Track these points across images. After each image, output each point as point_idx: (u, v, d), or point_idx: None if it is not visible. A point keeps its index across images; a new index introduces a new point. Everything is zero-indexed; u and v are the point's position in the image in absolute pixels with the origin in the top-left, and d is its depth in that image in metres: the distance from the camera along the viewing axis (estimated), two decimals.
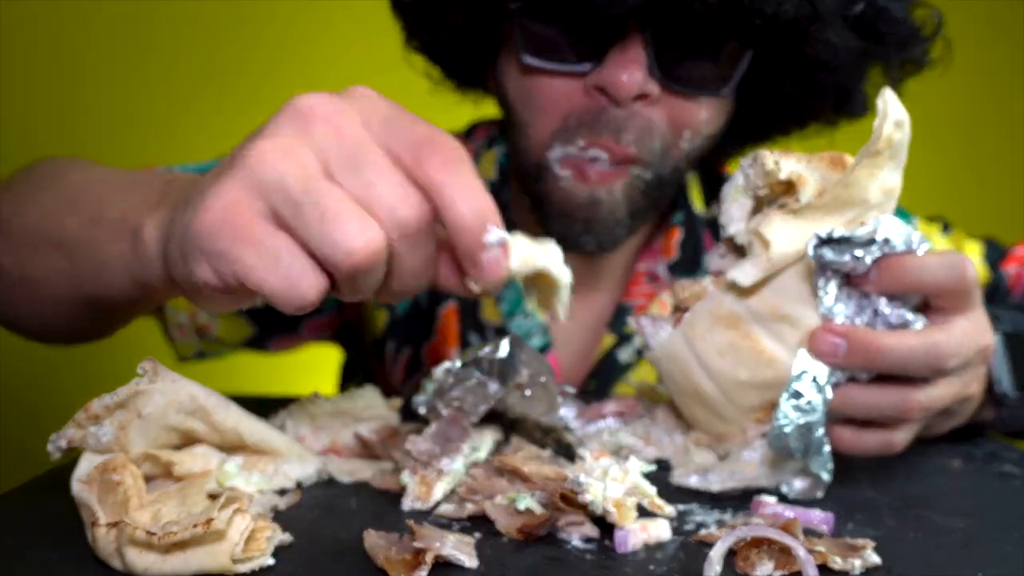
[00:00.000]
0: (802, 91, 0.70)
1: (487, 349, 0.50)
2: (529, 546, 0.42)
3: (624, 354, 0.79)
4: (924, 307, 0.50)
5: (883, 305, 0.49)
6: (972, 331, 0.49)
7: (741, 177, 0.52)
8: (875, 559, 0.40)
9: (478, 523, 0.45)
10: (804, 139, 0.82)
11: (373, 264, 0.35)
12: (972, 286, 0.48)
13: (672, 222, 0.82)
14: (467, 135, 0.89)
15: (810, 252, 0.47)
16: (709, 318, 0.51)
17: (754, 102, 0.75)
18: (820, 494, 0.50)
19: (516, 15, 0.63)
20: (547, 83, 0.64)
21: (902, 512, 0.48)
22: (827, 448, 0.48)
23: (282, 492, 0.50)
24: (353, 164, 0.36)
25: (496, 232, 0.38)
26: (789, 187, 0.50)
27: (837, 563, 0.39)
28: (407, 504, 0.48)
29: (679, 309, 0.55)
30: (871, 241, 0.47)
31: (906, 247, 0.47)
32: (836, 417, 0.50)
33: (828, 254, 0.47)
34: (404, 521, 0.45)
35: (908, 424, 0.51)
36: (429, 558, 0.38)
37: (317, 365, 1.26)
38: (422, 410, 0.52)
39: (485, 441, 0.51)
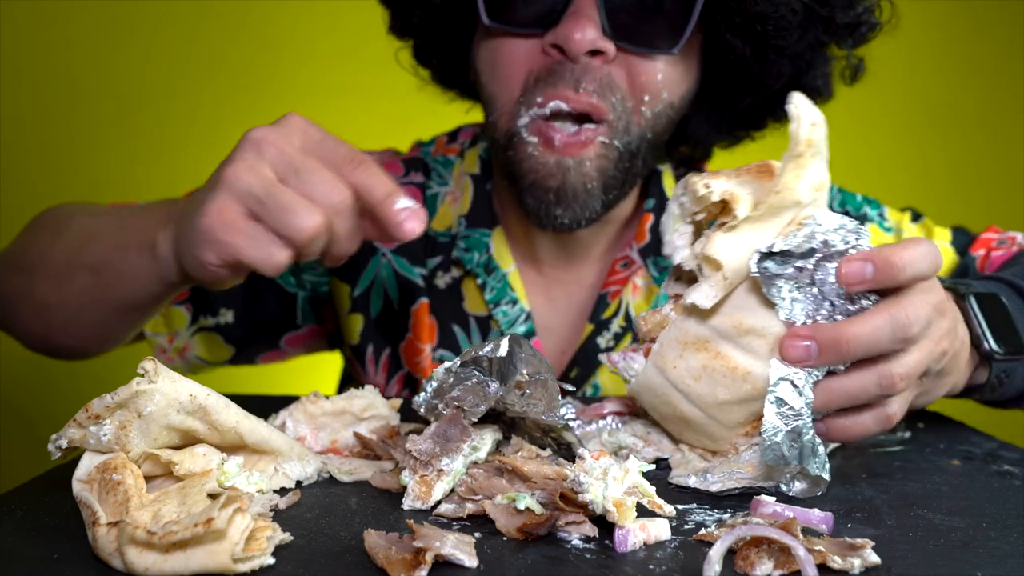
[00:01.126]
0: (757, 57, 0.71)
1: (487, 348, 0.50)
2: (529, 546, 0.42)
3: (603, 340, 0.81)
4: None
5: (836, 296, 0.49)
6: (923, 291, 0.50)
7: (676, 206, 0.54)
8: (874, 558, 0.40)
9: (478, 523, 0.45)
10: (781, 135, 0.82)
11: (319, 235, 0.51)
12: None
13: (645, 208, 0.84)
14: (453, 136, 0.92)
15: (754, 269, 0.48)
16: (677, 345, 0.52)
17: (717, 78, 0.77)
18: (820, 492, 0.50)
19: None
20: (509, 45, 0.69)
21: (901, 512, 0.48)
22: (821, 448, 0.48)
23: (282, 492, 0.50)
24: (295, 171, 0.52)
25: (403, 200, 0.53)
26: (725, 206, 0.51)
27: (836, 562, 0.39)
28: (407, 504, 0.48)
29: (646, 341, 0.55)
30: (811, 251, 0.48)
31: (845, 244, 0.48)
32: (826, 413, 0.51)
33: (772, 267, 0.48)
34: (404, 521, 0.45)
35: (896, 396, 0.51)
36: (429, 558, 0.38)
37: (317, 365, 1.26)
38: (422, 410, 0.52)
39: (485, 441, 0.51)
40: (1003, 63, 1.94)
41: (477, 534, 0.43)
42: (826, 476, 0.49)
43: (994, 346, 0.60)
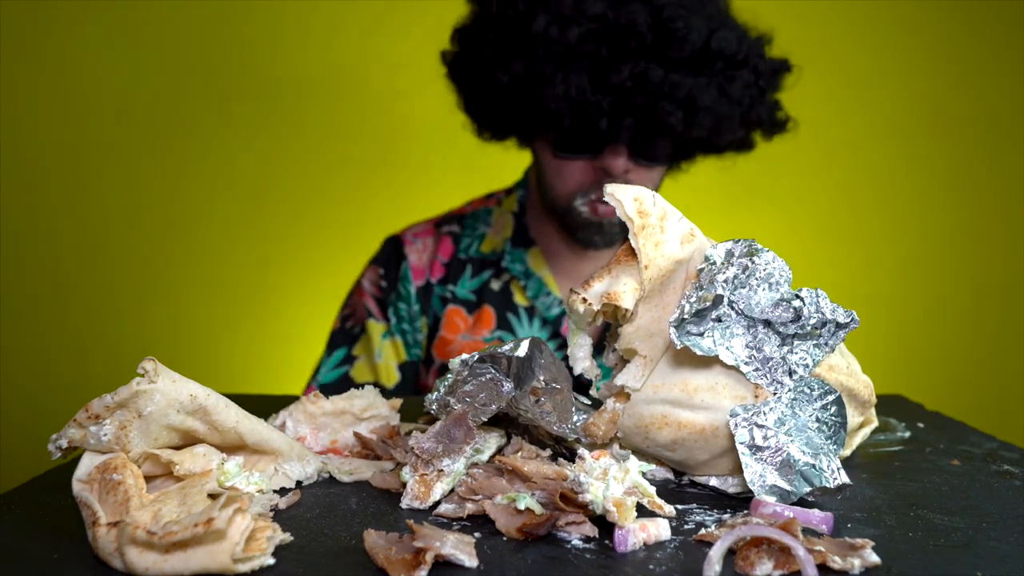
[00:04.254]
0: (707, 132, 1.03)
1: (507, 347, 0.50)
2: (529, 546, 0.42)
3: None
4: None
5: (763, 313, 0.50)
6: None
7: (571, 323, 0.57)
8: (874, 558, 0.40)
9: (478, 523, 0.45)
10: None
11: None
12: None
13: None
14: (487, 197, 1.24)
15: (677, 342, 0.49)
16: (639, 430, 0.52)
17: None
18: (840, 495, 0.50)
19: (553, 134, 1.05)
20: (570, 164, 1.03)
21: (901, 512, 0.48)
22: (826, 459, 0.48)
23: (282, 492, 0.50)
24: None
25: None
26: (613, 304, 0.52)
27: (836, 562, 0.39)
28: (405, 502, 0.48)
29: (605, 442, 0.55)
30: (719, 298, 0.49)
31: (741, 266, 0.50)
32: None
33: (693, 330, 0.50)
34: (404, 521, 0.45)
35: None
36: (429, 558, 0.38)
37: (315, 365, 1.27)
38: (433, 407, 0.52)
39: (489, 444, 0.50)
40: (1004, 63, 1.95)
41: (477, 534, 0.43)
42: (845, 481, 0.48)
43: None
